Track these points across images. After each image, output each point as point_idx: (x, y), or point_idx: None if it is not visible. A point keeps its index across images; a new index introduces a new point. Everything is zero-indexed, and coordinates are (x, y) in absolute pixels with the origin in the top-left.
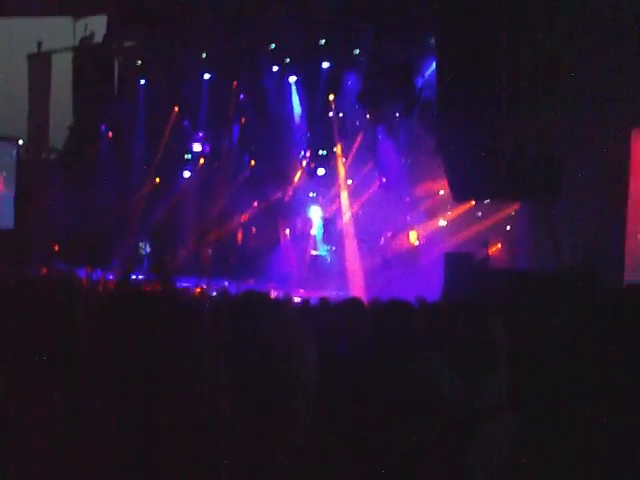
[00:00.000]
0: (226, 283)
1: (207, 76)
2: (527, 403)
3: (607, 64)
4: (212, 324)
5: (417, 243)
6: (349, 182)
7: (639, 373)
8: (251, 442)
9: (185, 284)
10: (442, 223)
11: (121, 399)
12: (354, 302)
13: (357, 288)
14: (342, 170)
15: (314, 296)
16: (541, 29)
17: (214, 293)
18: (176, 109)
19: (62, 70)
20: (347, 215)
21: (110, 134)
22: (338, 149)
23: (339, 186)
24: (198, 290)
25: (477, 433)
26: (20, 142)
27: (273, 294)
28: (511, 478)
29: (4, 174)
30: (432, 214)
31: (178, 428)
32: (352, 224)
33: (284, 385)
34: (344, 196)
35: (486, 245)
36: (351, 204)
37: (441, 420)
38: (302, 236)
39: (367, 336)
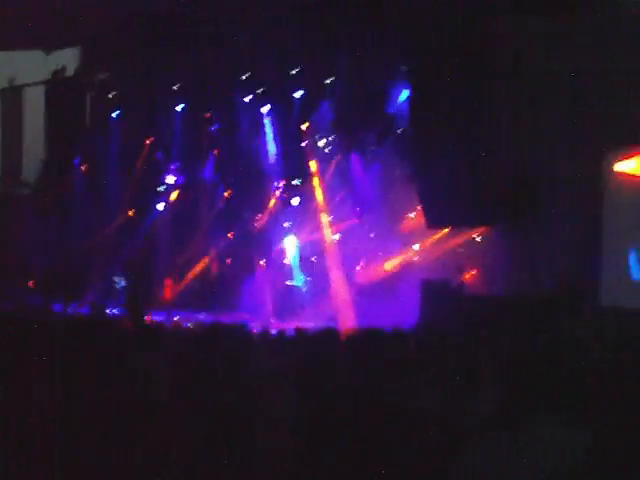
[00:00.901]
0: (202, 315)
1: (180, 107)
2: (515, 420)
3: (582, 84)
4: (179, 355)
5: (392, 271)
6: (324, 211)
7: (621, 389)
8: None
9: (159, 317)
10: (415, 249)
11: (95, 427)
12: (329, 332)
13: (333, 317)
14: (320, 197)
15: (290, 326)
16: (515, 54)
17: (188, 325)
18: (149, 141)
19: (34, 104)
20: (329, 239)
21: (83, 167)
22: (315, 179)
23: (315, 215)
24: (173, 323)
25: (461, 451)
26: None
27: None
28: None
29: None
30: (407, 242)
31: (151, 456)
32: (333, 250)
33: (254, 418)
34: (324, 221)
35: (461, 271)
36: (327, 232)
37: (422, 441)
38: (277, 266)
39: (343, 364)
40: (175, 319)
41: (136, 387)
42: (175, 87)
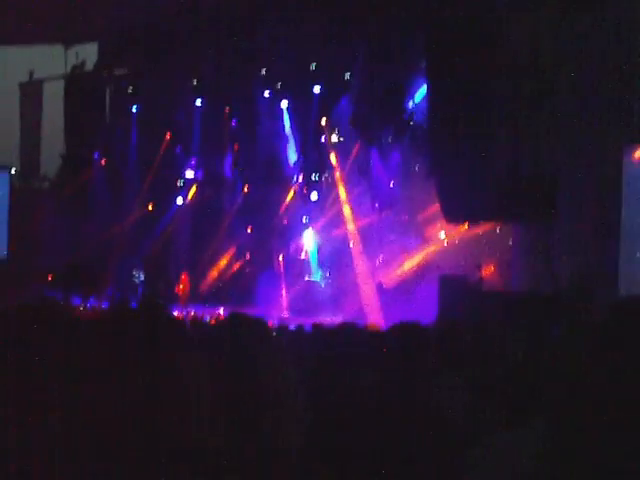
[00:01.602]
0: (221, 310)
1: (199, 102)
2: (532, 419)
3: (599, 83)
4: (201, 347)
5: (411, 267)
6: (343, 205)
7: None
8: (240, 466)
9: (177, 312)
10: (434, 247)
11: (118, 421)
12: (348, 327)
13: (352, 313)
14: (343, 192)
15: (308, 322)
16: (533, 50)
17: (207, 318)
18: (168, 136)
19: (54, 98)
20: (352, 234)
21: (102, 162)
22: (335, 174)
23: (333, 210)
24: (191, 317)
25: (479, 451)
26: (12, 171)
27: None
28: None
29: None
30: (426, 237)
31: (172, 448)
32: (358, 243)
33: (270, 408)
34: (345, 215)
35: (479, 267)
36: (345, 228)
37: (443, 439)
38: (296, 261)
39: (365, 360)
40: (191, 313)
41: (170, 380)
42: (194, 82)
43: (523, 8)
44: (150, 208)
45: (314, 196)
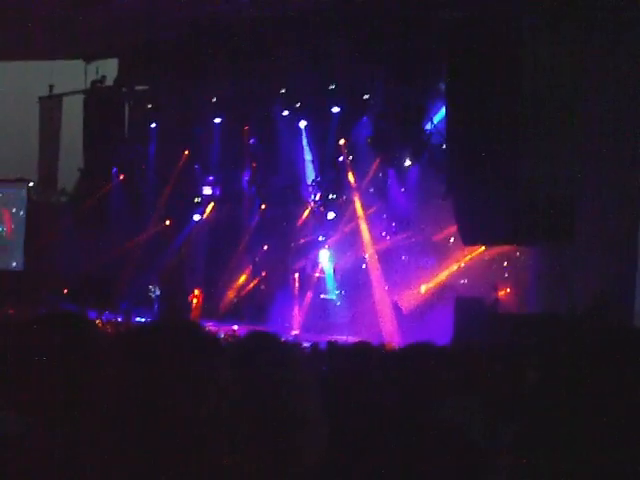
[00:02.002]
0: (235, 327)
1: (218, 120)
2: (540, 445)
3: (618, 103)
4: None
5: (428, 289)
6: (361, 225)
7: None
8: None
9: None
10: (451, 268)
11: (136, 436)
12: (364, 346)
13: (367, 332)
14: (360, 211)
15: (323, 340)
16: (550, 71)
17: (222, 335)
18: (187, 152)
19: (73, 113)
20: (369, 252)
21: (121, 177)
22: (353, 194)
23: (350, 230)
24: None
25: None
26: (30, 184)
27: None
28: None
29: (14, 216)
30: (442, 258)
31: (190, 469)
32: (374, 262)
33: (290, 429)
34: (365, 233)
35: (495, 289)
36: (361, 248)
37: (461, 460)
38: (311, 280)
39: (381, 380)
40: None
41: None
42: (213, 100)
43: (543, 30)
44: (167, 223)
45: (331, 215)
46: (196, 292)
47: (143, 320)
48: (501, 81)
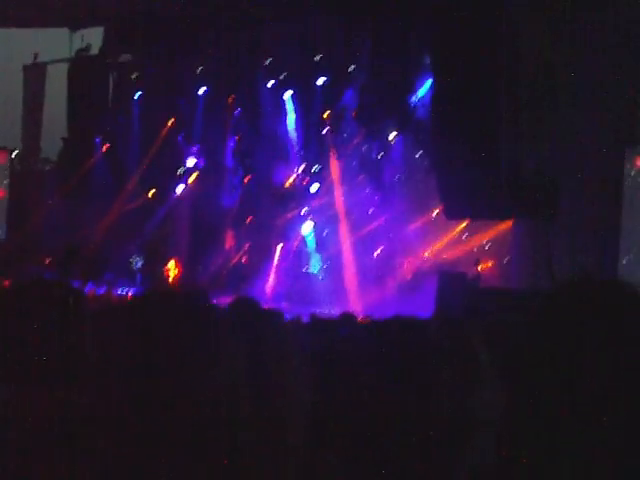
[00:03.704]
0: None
1: (202, 90)
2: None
3: (601, 83)
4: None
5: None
6: (342, 198)
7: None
8: (248, 452)
9: None
10: (433, 243)
11: (129, 400)
12: (347, 318)
13: (349, 304)
14: (338, 186)
15: (305, 312)
16: (537, 50)
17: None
18: (171, 123)
19: (57, 81)
20: (346, 226)
21: (105, 147)
22: (334, 166)
23: (333, 202)
24: None
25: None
26: (13, 153)
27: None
28: None
29: None
30: (425, 232)
31: (182, 429)
32: (348, 239)
33: (272, 397)
34: (340, 210)
35: (477, 264)
36: (344, 220)
37: (439, 433)
38: (294, 252)
39: (364, 351)
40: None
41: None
42: (198, 70)
43: (528, 7)
44: (150, 195)
45: (314, 188)
46: (174, 262)
47: (125, 291)
48: (485, 59)
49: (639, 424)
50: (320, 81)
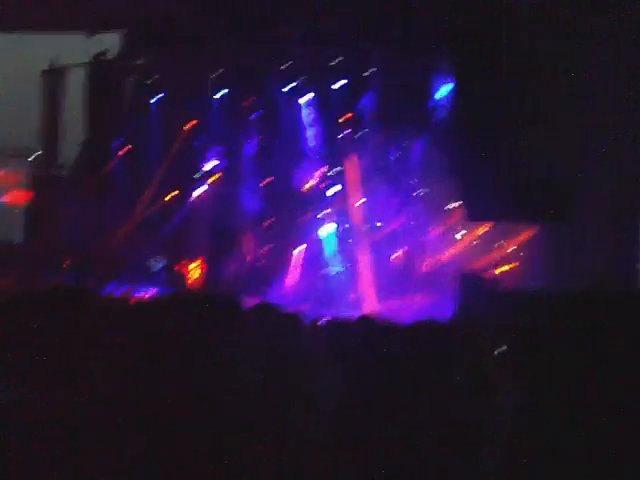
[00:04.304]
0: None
1: (220, 94)
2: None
3: (619, 83)
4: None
5: (430, 263)
6: (362, 200)
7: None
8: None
9: None
10: (454, 245)
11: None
12: (366, 321)
13: (369, 306)
14: (356, 188)
15: (325, 314)
16: (553, 51)
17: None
18: (189, 126)
19: (75, 86)
20: (362, 232)
21: (123, 151)
22: (351, 168)
23: (354, 204)
24: None
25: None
26: (32, 157)
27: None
28: None
29: (15, 189)
30: (445, 234)
31: (202, 430)
32: (366, 242)
33: (293, 401)
34: (359, 212)
35: (498, 265)
36: (364, 223)
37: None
38: (314, 254)
39: (385, 356)
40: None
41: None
42: (216, 74)
43: (543, 9)
44: (170, 197)
45: (334, 190)
46: (197, 263)
47: (146, 292)
48: (504, 61)
49: None
50: (339, 84)
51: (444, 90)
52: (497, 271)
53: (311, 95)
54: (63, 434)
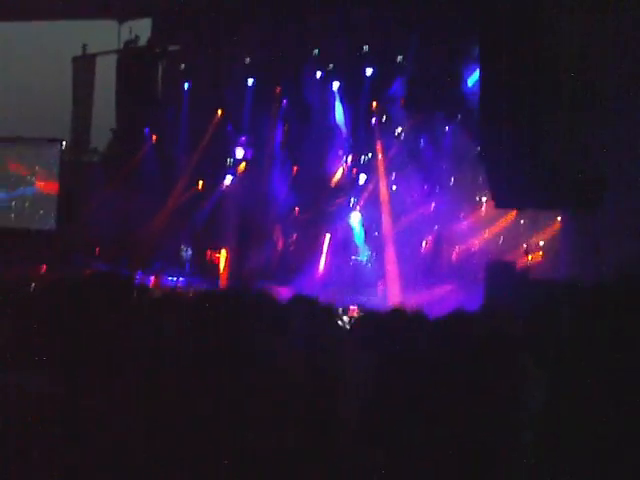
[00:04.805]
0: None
1: (250, 81)
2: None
3: None
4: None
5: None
6: (393, 188)
7: None
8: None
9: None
10: (482, 232)
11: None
12: (399, 313)
13: (397, 295)
14: (383, 176)
15: (353, 301)
16: (586, 43)
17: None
18: (219, 113)
19: (106, 73)
20: (387, 220)
21: (153, 138)
22: (382, 156)
23: (382, 192)
24: None
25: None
26: (63, 144)
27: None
28: None
29: (47, 176)
30: (474, 222)
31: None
32: (391, 229)
33: (329, 391)
34: (385, 201)
35: (527, 253)
36: (392, 210)
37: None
38: (343, 242)
39: (420, 347)
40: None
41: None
42: (246, 61)
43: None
44: (199, 185)
45: (363, 178)
46: (223, 252)
47: (174, 280)
48: (532, 50)
49: None
50: (368, 72)
51: (475, 76)
52: (527, 258)
53: (339, 83)
54: (109, 425)
